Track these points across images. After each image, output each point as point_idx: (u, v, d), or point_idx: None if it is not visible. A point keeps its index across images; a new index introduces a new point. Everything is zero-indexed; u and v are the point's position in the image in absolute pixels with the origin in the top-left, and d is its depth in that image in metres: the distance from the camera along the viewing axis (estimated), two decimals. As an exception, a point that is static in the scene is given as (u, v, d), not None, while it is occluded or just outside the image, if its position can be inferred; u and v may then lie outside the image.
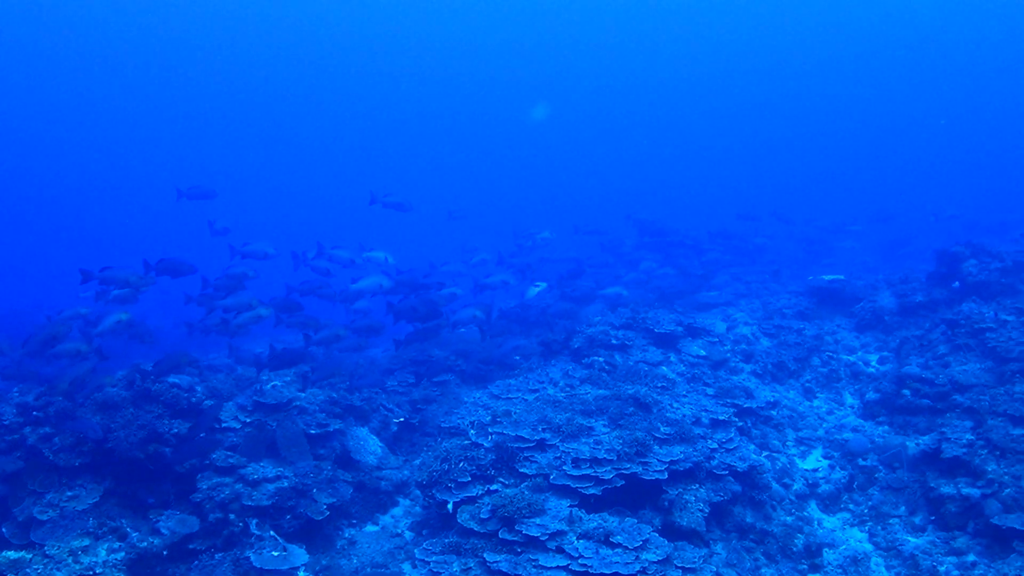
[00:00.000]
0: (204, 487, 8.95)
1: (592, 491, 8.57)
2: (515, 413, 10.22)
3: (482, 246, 19.70)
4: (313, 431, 10.38)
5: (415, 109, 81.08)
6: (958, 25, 67.62)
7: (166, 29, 70.57)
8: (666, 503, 8.76)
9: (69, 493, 8.73)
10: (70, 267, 11.98)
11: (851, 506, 10.02)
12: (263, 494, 9.00)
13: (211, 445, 9.63)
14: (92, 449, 8.97)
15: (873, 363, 13.07)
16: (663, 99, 79.72)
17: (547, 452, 9.29)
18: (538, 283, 15.80)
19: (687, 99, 79.26)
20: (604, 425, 9.90)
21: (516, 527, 7.99)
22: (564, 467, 8.91)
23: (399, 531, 9.79)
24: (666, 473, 8.87)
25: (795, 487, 10.29)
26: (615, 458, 8.98)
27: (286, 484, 9.22)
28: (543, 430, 9.64)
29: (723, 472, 9.38)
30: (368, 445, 10.96)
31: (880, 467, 10.32)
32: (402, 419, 11.86)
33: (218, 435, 9.98)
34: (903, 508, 9.62)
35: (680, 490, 8.94)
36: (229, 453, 9.48)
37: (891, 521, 9.48)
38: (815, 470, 10.69)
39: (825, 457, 10.95)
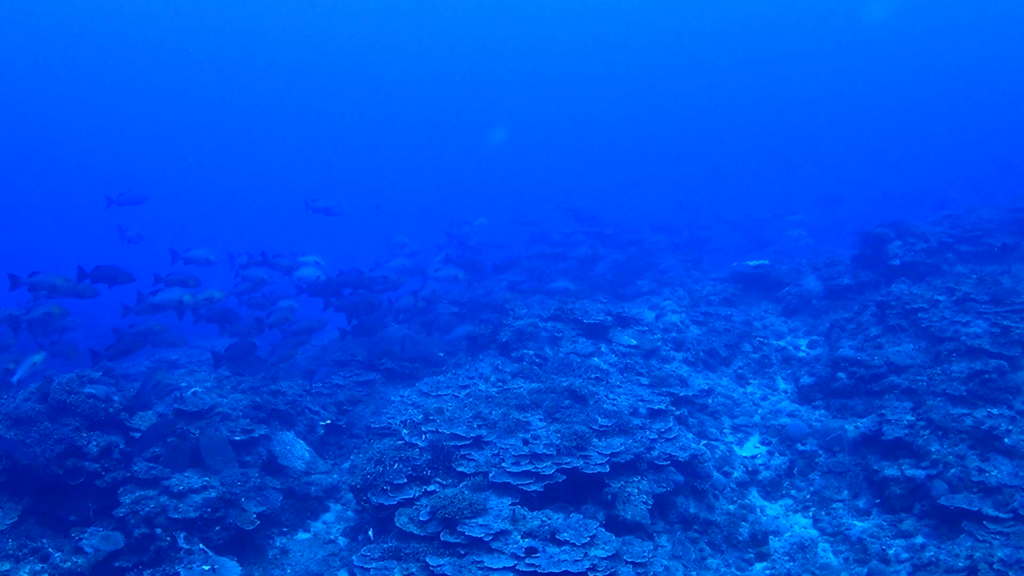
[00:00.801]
0: (127, 501, 8.40)
1: (534, 488, 8.26)
2: (448, 410, 9.86)
3: (410, 239, 19.63)
4: (238, 437, 9.90)
5: (342, 106, 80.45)
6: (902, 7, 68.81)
7: (84, 28, 68.88)
8: (609, 496, 8.51)
9: (-14, 515, 8.16)
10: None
11: (793, 492, 9.87)
12: (189, 505, 8.50)
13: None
14: (7, 467, 8.38)
15: (803, 347, 13.00)
16: (600, 90, 79.91)
17: (484, 449, 8.95)
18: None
19: (625, 90, 79.56)
20: (540, 419, 9.61)
21: (458, 528, 7.65)
22: (503, 464, 8.58)
23: (332, 537, 9.40)
24: (608, 466, 8.61)
25: (735, 475, 10.10)
26: (555, 453, 8.70)
27: (213, 494, 8.72)
28: (479, 427, 9.31)
29: (664, 462, 9.16)
30: (295, 450, 10.52)
31: (820, 452, 10.19)
32: (328, 421, 11.44)
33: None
34: (846, 492, 9.50)
35: (622, 483, 8.69)
36: (151, 464, 8.95)
37: (834, 506, 9.35)
38: (754, 457, 10.53)
39: (763, 443, 10.80)
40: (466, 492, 8.13)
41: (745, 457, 10.53)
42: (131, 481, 8.73)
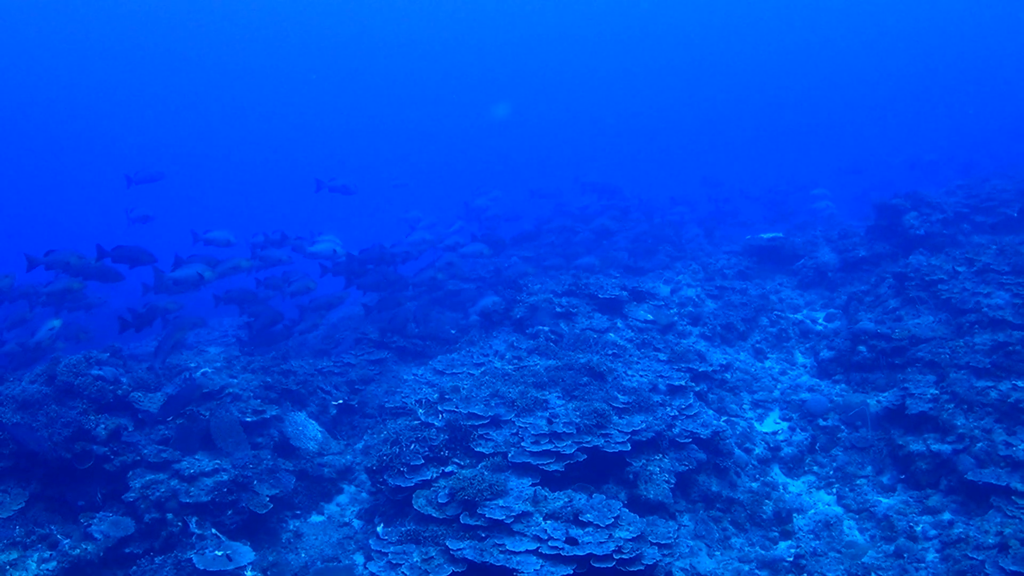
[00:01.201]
0: (137, 485, 8.27)
1: (555, 467, 8.13)
2: (464, 389, 9.70)
3: (424, 214, 19.60)
4: (249, 419, 9.76)
5: (353, 80, 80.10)
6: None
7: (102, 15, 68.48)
8: (631, 476, 8.39)
9: (-8, 501, 8.03)
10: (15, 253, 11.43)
11: (816, 468, 9.72)
12: (201, 489, 8.37)
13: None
14: (14, 451, 8.24)
15: (821, 321, 12.84)
16: (619, 63, 79.23)
17: (503, 428, 8.82)
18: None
19: (644, 64, 78.90)
20: (559, 397, 9.46)
21: (478, 511, 7.50)
22: (523, 443, 8.45)
23: (347, 520, 9.27)
24: (629, 444, 8.47)
25: (757, 451, 9.96)
26: (575, 431, 8.55)
27: (225, 477, 8.59)
28: (496, 405, 9.17)
29: (686, 440, 9.03)
30: (307, 431, 10.40)
31: (842, 427, 10.04)
32: (341, 401, 11.32)
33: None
34: (869, 468, 9.36)
35: (644, 461, 8.57)
36: (161, 447, 8.82)
37: (859, 482, 9.20)
38: (775, 433, 10.38)
39: (784, 419, 10.66)
40: (485, 473, 7.99)
41: (766, 433, 10.39)
42: (140, 464, 8.59)
